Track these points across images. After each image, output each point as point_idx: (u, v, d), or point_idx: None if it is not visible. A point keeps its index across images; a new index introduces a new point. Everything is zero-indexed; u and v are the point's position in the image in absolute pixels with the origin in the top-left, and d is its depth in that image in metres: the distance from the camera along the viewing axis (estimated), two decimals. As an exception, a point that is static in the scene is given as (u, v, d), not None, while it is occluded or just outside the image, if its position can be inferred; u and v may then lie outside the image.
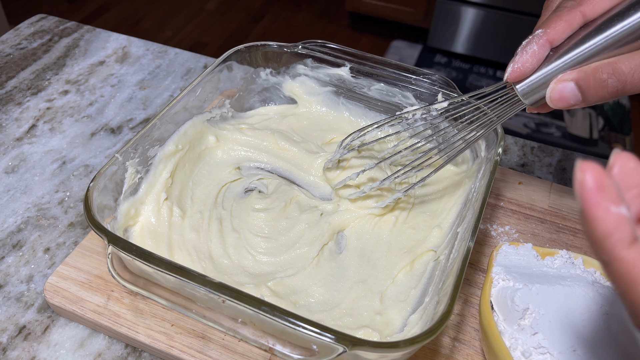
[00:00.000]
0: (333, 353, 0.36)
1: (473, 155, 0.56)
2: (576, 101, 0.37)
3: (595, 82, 0.36)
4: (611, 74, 0.35)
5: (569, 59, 0.37)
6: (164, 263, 0.39)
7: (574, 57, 0.37)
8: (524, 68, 0.39)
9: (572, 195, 0.59)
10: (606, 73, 0.36)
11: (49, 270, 0.52)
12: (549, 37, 0.37)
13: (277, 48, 0.61)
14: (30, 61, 0.78)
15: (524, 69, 0.39)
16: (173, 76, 0.77)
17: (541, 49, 0.38)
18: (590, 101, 0.37)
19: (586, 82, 0.36)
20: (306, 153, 0.60)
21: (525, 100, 0.41)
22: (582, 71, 0.37)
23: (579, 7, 0.37)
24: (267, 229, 0.53)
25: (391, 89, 0.60)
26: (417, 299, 0.46)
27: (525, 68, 0.39)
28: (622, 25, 0.35)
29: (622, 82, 0.35)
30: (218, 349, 0.44)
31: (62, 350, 0.46)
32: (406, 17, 2.31)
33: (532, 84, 0.40)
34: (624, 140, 1.91)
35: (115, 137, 0.67)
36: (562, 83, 0.37)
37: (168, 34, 2.36)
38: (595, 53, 0.36)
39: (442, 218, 0.53)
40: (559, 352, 0.37)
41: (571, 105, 0.38)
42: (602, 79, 0.36)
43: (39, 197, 0.59)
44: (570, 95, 0.37)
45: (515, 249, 0.45)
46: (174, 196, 0.54)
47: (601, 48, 0.36)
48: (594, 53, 0.36)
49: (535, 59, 0.38)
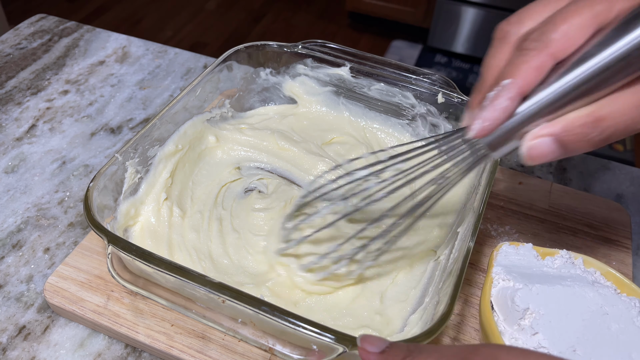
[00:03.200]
0: (333, 353, 0.36)
1: (473, 155, 0.56)
2: (556, 156, 0.33)
3: (579, 137, 0.32)
4: (594, 128, 0.31)
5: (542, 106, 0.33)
6: (163, 263, 0.39)
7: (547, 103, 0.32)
8: (494, 125, 0.34)
9: (572, 195, 0.59)
10: (588, 127, 0.31)
11: (49, 270, 0.52)
12: (519, 90, 0.33)
13: (277, 48, 0.61)
14: (30, 61, 0.78)
15: (493, 126, 0.34)
16: (173, 76, 0.77)
17: (512, 103, 0.33)
18: (572, 153, 0.33)
19: (567, 137, 0.32)
20: (306, 153, 0.60)
21: (494, 153, 0.36)
22: (561, 126, 0.32)
23: (547, 48, 0.32)
24: (267, 228, 0.53)
25: (391, 88, 0.60)
26: (417, 299, 0.46)
27: (496, 125, 0.34)
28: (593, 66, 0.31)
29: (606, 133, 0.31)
30: (218, 349, 0.44)
31: (62, 351, 0.46)
32: (406, 17, 2.31)
33: (500, 137, 0.35)
34: (624, 140, 1.91)
35: (115, 137, 0.67)
36: (539, 139, 0.33)
37: (168, 33, 2.36)
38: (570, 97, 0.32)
39: (443, 218, 0.53)
40: (559, 352, 0.37)
41: (551, 160, 0.34)
42: (585, 133, 0.31)
43: (38, 197, 0.59)
44: (549, 152, 0.33)
45: (516, 249, 0.45)
46: (174, 196, 0.54)
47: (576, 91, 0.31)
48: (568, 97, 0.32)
49: (506, 114, 0.33)
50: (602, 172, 0.65)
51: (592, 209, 0.58)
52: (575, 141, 0.32)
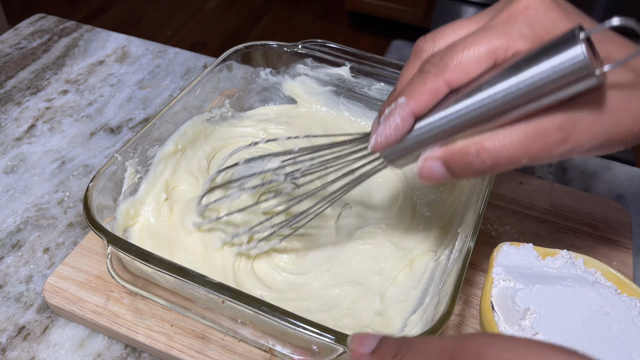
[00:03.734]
0: (333, 353, 0.35)
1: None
2: (445, 179, 0.35)
3: (462, 164, 0.34)
4: (476, 156, 0.33)
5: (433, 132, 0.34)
6: (163, 263, 0.39)
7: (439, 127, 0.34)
8: (388, 142, 0.36)
9: (573, 196, 0.59)
10: (471, 155, 0.33)
11: (49, 271, 0.52)
12: (412, 109, 0.34)
13: (277, 48, 0.61)
14: (29, 61, 0.78)
15: (387, 142, 0.36)
16: (173, 76, 0.77)
17: (404, 123, 0.35)
18: (460, 178, 0.35)
19: (453, 163, 0.34)
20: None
21: (392, 165, 0.39)
22: (448, 151, 0.34)
23: (443, 74, 0.33)
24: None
25: (391, 88, 0.60)
26: (418, 300, 0.46)
27: (390, 142, 0.36)
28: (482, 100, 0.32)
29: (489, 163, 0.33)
30: (218, 350, 0.44)
31: (62, 351, 0.46)
32: (406, 16, 2.31)
33: (395, 153, 0.37)
34: (624, 140, 1.91)
35: (115, 137, 0.67)
36: (430, 162, 0.35)
37: (168, 33, 2.36)
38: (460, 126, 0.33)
39: (442, 218, 0.53)
40: None
41: (441, 182, 0.36)
42: (468, 160, 0.33)
43: (38, 197, 0.59)
44: (439, 174, 0.35)
45: (516, 249, 0.45)
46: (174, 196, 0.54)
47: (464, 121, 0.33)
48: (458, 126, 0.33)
49: (399, 133, 0.35)
50: (603, 172, 0.65)
51: (592, 209, 0.58)
52: (460, 168, 0.34)
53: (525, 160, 0.32)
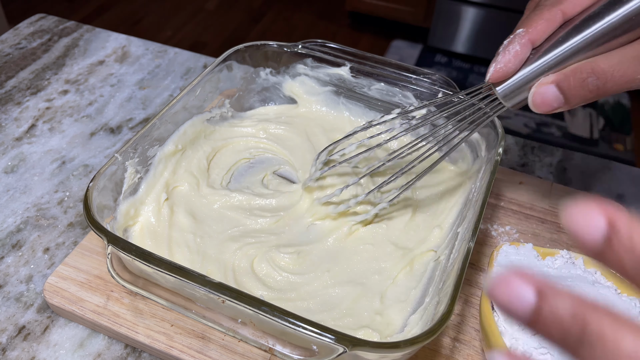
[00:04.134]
0: (333, 353, 0.35)
1: (473, 155, 0.56)
2: (559, 104, 0.37)
3: (576, 83, 0.36)
4: (590, 73, 0.35)
5: (549, 60, 0.37)
6: (163, 263, 0.39)
7: (553, 57, 0.37)
8: (507, 68, 0.38)
9: (573, 196, 0.59)
10: (586, 73, 0.35)
11: (49, 271, 0.52)
12: (530, 37, 0.37)
13: (277, 48, 0.61)
14: (29, 61, 0.78)
15: (506, 69, 0.38)
16: (173, 76, 0.77)
17: (523, 49, 0.37)
18: (573, 102, 0.37)
19: (567, 84, 0.36)
20: (305, 153, 0.59)
21: (507, 103, 0.40)
22: (562, 73, 0.36)
23: (559, 5, 0.37)
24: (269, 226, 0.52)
25: (391, 88, 0.60)
26: (418, 299, 0.46)
27: (508, 68, 0.38)
28: (598, 25, 0.35)
29: (603, 80, 0.35)
30: (218, 349, 0.44)
31: (62, 351, 0.46)
32: (406, 16, 2.31)
33: (512, 86, 0.39)
34: (624, 140, 1.91)
35: (115, 137, 0.67)
36: (544, 87, 0.37)
37: (168, 33, 2.36)
38: (575, 53, 0.36)
39: (443, 218, 0.53)
40: (559, 352, 0.37)
41: (555, 108, 0.37)
42: (582, 78, 0.35)
43: (38, 197, 0.59)
44: (553, 99, 0.37)
45: (516, 249, 0.45)
46: (174, 196, 0.54)
47: (580, 47, 0.36)
48: (573, 53, 0.36)
49: (518, 59, 0.38)
50: (603, 172, 0.65)
51: (592, 209, 0.58)
52: (575, 87, 0.36)
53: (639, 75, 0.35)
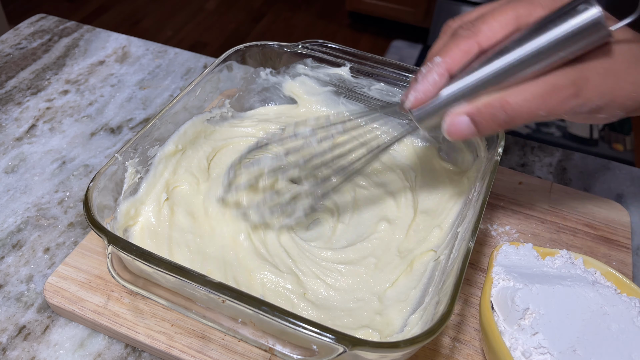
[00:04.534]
0: (333, 353, 0.36)
1: (473, 156, 0.56)
2: (471, 133, 0.39)
3: (487, 116, 0.38)
4: (500, 109, 0.37)
5: (463, 88, 0.38)
6: (163, 263, 0.39)
7: (466, 86, 0.38)
8: (425, 97, 0.40)
9: (572, 195, 0.59)
10: (495, 108, 0.37)
11: (49, 270, 0.52)
12: (447, 67, 0.38)
13: (277, 48, 0.61)
14: (30, 61, 0.78)
15: (424, 97, 0.40)
16: (173, 76, 0.77)
17: (441, 79, 0.39)
18: (484, 132, 0.39)
19: (479, 117, 0.38)
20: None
21: (420, 125, 0.42)
22: (474, 107, 0.38)
23: (475, 37, 0.38)
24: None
25: (391, 88, 0.60)
26: (417, 299, 0.46)
27: (427, 97, 0.40)
28: (507, 58, 0.37)
29: (511, 115, 0.37)
30: (218, 349, 0.44)
31: (62, 351, 0.46)
32: (406, 17, 2.31)
33: (427, 111, 0.40)
34: (624, 140, 1.91)
35: (115, 137, 0.67)
36: (457, 117, 0.39)
37: (168, 33, 2.36)
38: (485, 83, 0.38)
39: (442, 218, 0.53)
40: (559, 352, 0.37)
41: (466, 136, 0.39)
42: (493, 113, 0.37)
43: (38, 197, 0.59)
44: (465, 128, 0.39)
45: (516, 249, 0.45)
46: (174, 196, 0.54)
47: (490, 78, 0.37)
48: (484, 83, 0.38)
49: (436, 88, 0.39)
50: (603, 172, 0.65)
51: (592, 209, 0.58)
52: (485, 120, 0.38)
53: (542, 112, 0.37)
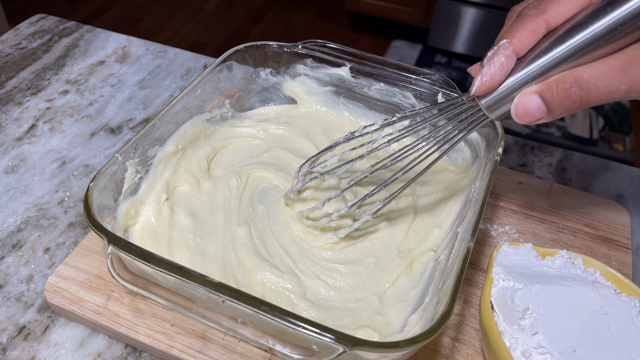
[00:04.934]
0: (333, 353, 0.36)
1: (473, 156, 0.56)
2: (542, 114, 0.37)
3: (559, 93, 0.35)
4: (574, 83, 0.35)
5: (533, 70, 0.37)
6: (163, 263, 0.39)
7: (537, 68, 0.36)
8: (493, 81, 0.38)
9: (572, 195, 0.59)
10: (569, 82, 0.35)
11: (49, 270, 0.52)
12: (514, 48, 0.37)
13: (277, 48, 0.61)
14: (30, 61, 0.78)
15: (492, 82, 0.38)
16: (173, 76, 0.77)
17: (508, 61, 0.37)
18: (556, 113, 0.36)
19: (550, 94, 0.36)
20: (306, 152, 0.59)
21: (491, 115, 0.40)
22: (545, 83, 0.36)
23: (542, 15, 0.36)
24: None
25: (391, 88, 0.60)
26: (417, 299, 0.46)
27: (494, 81, 0.38)
28: (582, 35, 0.35)
29: (586, 90, 0.35)
30: (218, 349, 0.44)
31: (62, 350, 0.46)
32: (406, 17, 2.31)
33: (496, 97, 0.39)
34: (624, 140, 1.91)
35: (115, 137, 0.67)
36: (527, 97, 0.37)
37: (168, 33, 2.36)
38: (558, 63, 0.36)
39: (442, 218, 0.53)
40: (559, 352, 0.37)
41: (537, 119, 0.37)
42: (565, 88, 0.35)
43: (38, 197, 0.59)
44: (536, 109, 0.37)
45: (516, 249, 0.45)
46: (175, 196, 0.54)
47: (563, 58, 0.35)
48: (556, 63, 0.36)
49: (503, 71, 0.37)
50: (602, 172, 0.65)
51: (592, 209, 0.58)
52: (558, 98, 0.36)
53: (624, 86, 0.34)
